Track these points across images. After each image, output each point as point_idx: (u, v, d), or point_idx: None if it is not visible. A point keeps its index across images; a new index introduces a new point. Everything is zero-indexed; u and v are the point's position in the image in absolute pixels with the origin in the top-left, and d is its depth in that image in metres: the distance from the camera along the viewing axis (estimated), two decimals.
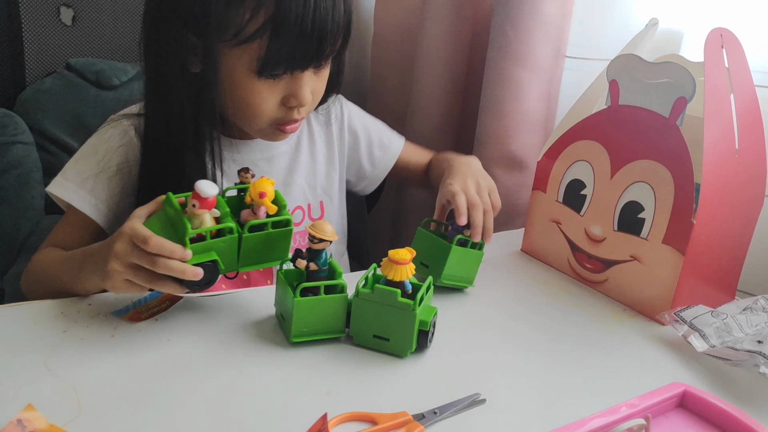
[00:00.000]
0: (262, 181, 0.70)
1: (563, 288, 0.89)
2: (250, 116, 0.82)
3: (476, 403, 0.63)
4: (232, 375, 0.65)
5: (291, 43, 0.75)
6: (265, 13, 0.73)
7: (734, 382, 0.70)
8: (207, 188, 0.65)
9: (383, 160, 1.04)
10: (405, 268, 0.69)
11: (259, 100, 0.80)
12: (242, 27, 0.74)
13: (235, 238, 0.69)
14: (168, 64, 0.79)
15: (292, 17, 0.73)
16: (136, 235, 0.65)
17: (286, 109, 0.82)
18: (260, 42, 0.75)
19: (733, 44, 0.78)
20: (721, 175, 0.77)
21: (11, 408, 0.56)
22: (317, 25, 0.75)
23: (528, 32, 1.07)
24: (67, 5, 1.23)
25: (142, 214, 0.69)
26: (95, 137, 0.87)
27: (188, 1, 0.75)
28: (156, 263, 0.65)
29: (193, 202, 0.66)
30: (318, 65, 0.80)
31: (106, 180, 0.84)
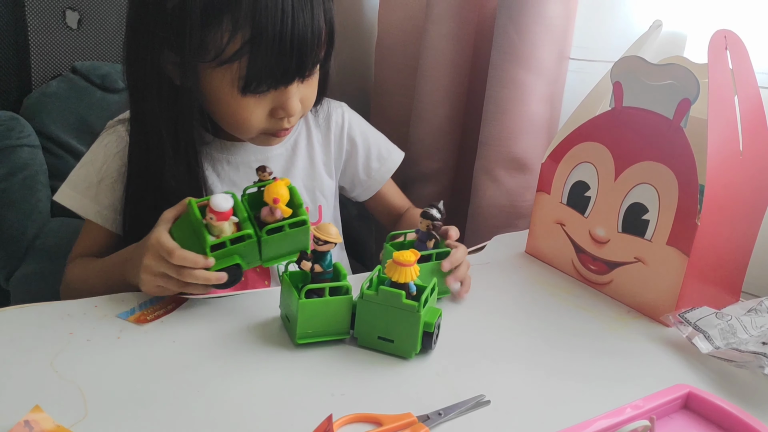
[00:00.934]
0: (276, 186, 0.71)
1: (567, 290, 0.89)
2: (239, 129, 0.83)
3: (481, 404, 0.63)
4: (237, 376, 0.65)
5: (271, 61, 0.75)
6: (242, 36, 0.74)
7: (739, 383, 0.70)
8: (221, 203, 0.68)
9: (380, 172, 1.04)
10: (409, 270, 0.69)
11: (247, 114, 0.80)
12: (221, 49, 0.75)
13: (255, 241, 0.71)
14: (148, 77, 0.79)
15: (270, 37, 0.74)
16: (161, 248, 0.70)
17: (276, 120, 0.82)
18: (240, 63, 0.75)
19: (737, 46, 0.78)
20: (726, 177, 0.77)
21: (19, 409, 0.56)
22: (296, 42, 0.75)
23: (532, 35, 1.07)
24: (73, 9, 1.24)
25: (169, 217, 0.73)
26: (95, 145, 0.89)
27: (164, 24, 0.75)
28: (182, 274, 0.69)
29: (210, 215, 0.69)
30: (303, 77, 0.80)
31: (108, 186, 0.86)
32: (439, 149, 1.28)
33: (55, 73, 1.23)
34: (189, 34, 0.74)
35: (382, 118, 1.40)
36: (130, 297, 0.76)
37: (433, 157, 1.29)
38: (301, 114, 0.85)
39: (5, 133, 1.07)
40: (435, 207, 0.79)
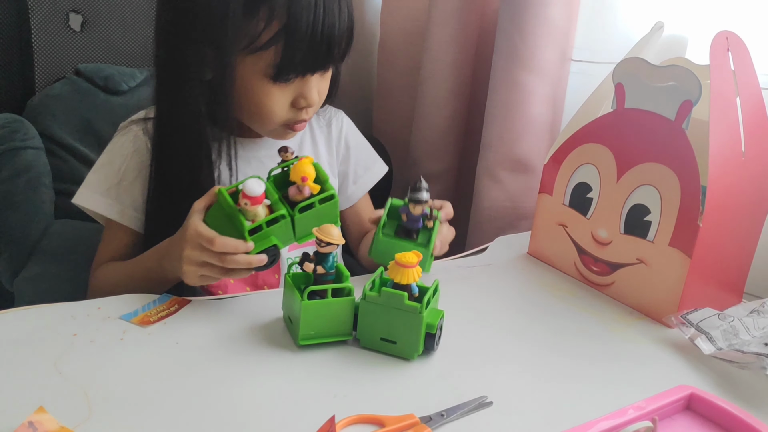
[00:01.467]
0: (302, 165, 0.74)
1: (570, 291, 0.89)
2: (262, 118, 0.86)
3: (483, 405, 0.64)
4: (240, 377, 0.65)
5: (303, 49, 0.79)
6: (278, 23, 0.78)
7: (741, 384, 0.70)
8: (255, 188, 0.70)
9: (363, 179, 1.05)
10: (412, 272, 0.69)
11: (272, 103, 0.84)
12: (256, 37, 0.78)
13: (288, 221, 0.74)
14: (182, 74, 0.82)
15: (304, 25, 0.78)
16: (201, 238, 0.71)
17: (296, 110, 0.86)
18: (275, 50, 0.79)
19: (738, 47, 0.78)
20: (728, 178, 0.77)
21: (22, 410, 0.56)
22: (326, 33, 0.79)
23: (534, 36, 1.07)
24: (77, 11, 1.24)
25: (200, 208, 0.74)
26: (110, 146, 0.90)
27: (205, 16, 0.78)
28: (224, 260, 0.71)
29: (244, 201, 0.70)
30: (327, 67, 0.85)
31: (128, 186, 0.87)
32: (442, 151, 1.29)
33: (58, 75, 1.24)
34: (230, 24, 0.77)
35: (384, 120, 1.41)
36: (133, 299, 0.77)
37: (436, 158, 1.29)
38: (316, 107, 0.89)
39: (9, 135, 1.08)
40: (421, 189, 0.80)
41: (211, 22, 0.78)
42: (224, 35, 0.78)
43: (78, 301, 0.75)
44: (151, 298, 0.77)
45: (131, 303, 0.76)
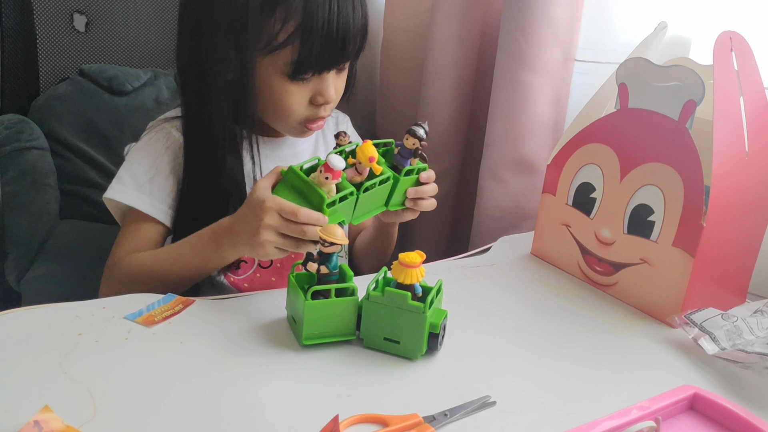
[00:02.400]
0: (369, 147, 0.75)
1: (573, 291, 0.89)
2: (282, 116, 0.88)
3: (486, 405, 0.64)
4: (244, 377, 0.65)
5: (319, 47, 0.81)
6: (294, 22, 0.80)
7: (745, 384, 0.70)
8: (338, 162, 0.72)
9: None
10: (415, 271, 0.69)
11: (291, 101, 0.86)
12: (274, 36, 0.81)
13: (354, 199, 0.76)
14: (207, 75, 0.84)
15: (319, 24, 0.80)
16: (284, 210, 0.72)
17: (314, 108, 0.88)
18: (291, 48, 0.81)
19: (742, 47, 0.78)
20: (731, 178, 0.77)
21: (28, 409, 0.57)
22: (341, 30, 0.81)
23: (537, 36, 1.07)
24: (81, 12, 1.25)
25: (266, 185, 0.76)
26: (142, 143, 0.92)
27: (224, 17, 0.81)
28: (306, 233, 0.72)
29: (326, 174, 0.72)
30: (343, 64, 0.87)
31: (161, 181, 0.89)
32: (445, 150, 1.29)
33: (62, 76, 1.24)
34: (248, 25, 0.80)
35: (387, 120, 1.41)
36: (137, 298, 0.77)
37: (439, 158, 1.29)
38: (333, 105, 0.90)
39: (14, 135, 1.08)
40: (421, 126, 0.81)
41: (230, 23, 0.80)
42: (243, 36, 0.80)
43: (83, 301, 0.75)
44: (156, 297, 0.77)
45: (136, 303, 0.76)
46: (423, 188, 0.84)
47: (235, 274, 0.92)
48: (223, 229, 0.79)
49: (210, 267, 0.83)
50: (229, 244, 0.78)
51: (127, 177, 0.89)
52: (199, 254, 0.82)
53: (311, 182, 0.73)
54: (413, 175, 0.83)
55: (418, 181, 0.84)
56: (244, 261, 0.92)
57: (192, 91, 0.87)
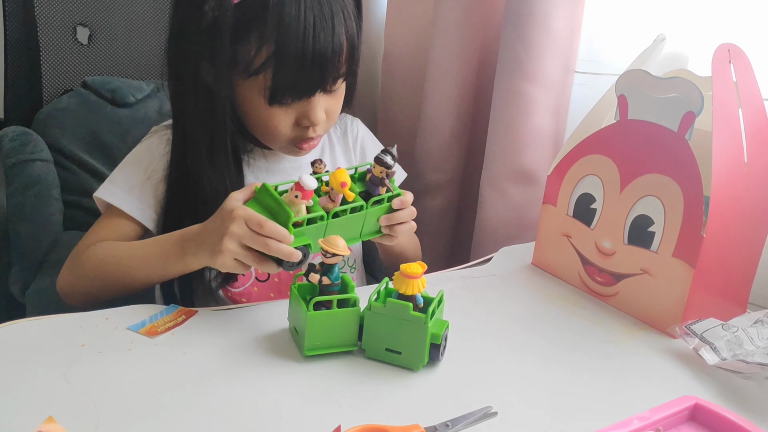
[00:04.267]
0: (341, 173, 0.75)
1: (574, 301, 0.89)
2: (269, 136, 0.88)
3: (488, 415, 0.64)
4: (246, 388, 0.66)
5: (293, 74, 0.81)
6: (268, 49, 0.79)
7: (745, 395, 0.70)
8: (309, 182, 0.72)
9: None
10: (417, 282, 0.69)
11: (275, 123, 0.85)
12: (251, 61, 0.80)
13: (323, 225, 0.75)
14: (187, 87, 0.84)
15: (292, 51, 0.79)
16: (251, 220, 0.71)
17: (302, 129, 0.87)
18: (266, 74, 0.81)
19: (740, 59, 0.78)
20: (731, 188, 0.77)
21: (32, 420, 0.57)
22: (317, 56, 0.80)
23: (537, 48, 1.08)
24: (84, 25, 1.26)
25: (239, 197, 0.75)
26: (140, 146, 0.93)
27: (200, 39, 0.80)
28: (269, 246, 0.71)
29: (296, 193, 0.72)
30: (325, 89, 0.85)
31: (152, 186, 0.89)
32: (446, 161, 1.29)
33: (66, 88, 1.25)
34: (222, 48, 0.80)
35: (389, 131, 1.41)
36: (141, 309, 0.77)
37: (440, 169, 1.30)
38: (327, 125, 0.90)
39: (19, 148, 1.09)
40: (389, 153, 0.78)
41: (208, 42, 0.80)
42: (218, 58, 0.80)
43: (86, 312, 0.76)
44: (159, 308, 0.78)
45: (139, 314, 0.76)
46: (395, 215, 0.81)
47: (233, 287, 0.92)
48: (190, 236, 0.78)
49: (170, 271, 0.81)
50: (193, 251, 0.77)
51: (120, 178, 0.90)
52: (162, 256, 0.80)
53: (281, 200, 0.73)
54: (384, 204, 0.80)
55: (391, 207, 0.81)
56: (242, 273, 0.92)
57: (176, 102, 0.87)
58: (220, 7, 0.78)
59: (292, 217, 0.72)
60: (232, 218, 0.72)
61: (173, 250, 0.79)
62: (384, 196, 0.80)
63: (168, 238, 0.81)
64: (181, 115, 0.87)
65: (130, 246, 0.85)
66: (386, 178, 0.79)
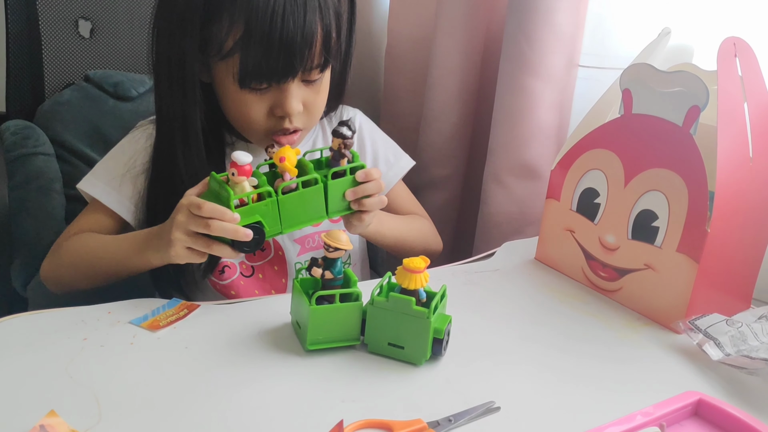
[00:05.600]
0: (282, 149, 0.75)
1: (577, 296, 0.89)
2: (244, 125, 0.88)
3: (491, 410, 0.64)
4: (248, 382, 0.66)
5: (261, 58, 0.80)
6: (237, 31, 0.79)
7: (750, 390, 0.70)
8: (242, 157, 0.72)
9: (386, 176, 1.05)
10: (419, 277, 0.69)
11: (248, 110, 0.85)
12: (221, 44, 0.80)
13: (274, 200, 0.74)
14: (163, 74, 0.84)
15: (258, 34, 0.79)
16: (191, 205, 0.72)
17: (276, 119, 0.86)
18: (236, 58, 0.80)
19: (746, 53, 0.78)
20: (735, 183, 0.77)
21: (34, 414, 0.57)
22: (285, 42, 0.79)
23: (541, 42, 1.08)
24: (86, 18, 1.25)
25: (192, 193, 0.75)
26: (124, 140, 0.93)
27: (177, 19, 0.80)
28: (210, 226, 0.71)
29: (231, 170, 0.72)
30: (295, 76, 0.83)
31: (132, 179, 0.89)
32: (449, 156, 1.29)
33: (68, 81, 1.25)
34: (194, 29, 0.80)
35: (392, 125, 1.41)
36: (143, 303, 0.77)
37: (443, 163, 1.30)
38: (306, 119, 0.88)
39: (21, 141, 1.08)
40: (345, 124, 0.77)
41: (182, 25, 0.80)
42: (192, 39, 0.80)
43: (88, 306, 0.76)
44: (161, 302, 0.78)
45: (141, 308, 0.76)
46: (362, 187, 0.79)
47: (220, 279, 0.93)
48: (153, 233, 0.80)
49: (135, 266, 0.82)
50: (155, 247, 0.78)
51: (101, 170, 0.91)
52: (130, 250, 0.81)
53: (222, 182, 0.73)
54: (347, 176, 0.78)
55: (356, 181, 0.79)
56: (228, 266, 0.92)
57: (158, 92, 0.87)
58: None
59: (232, 195, 0.72)
60: (177, 209, 0.74)
61: (140, 246, 0.80)
62: (345, 167, 0.78)
63: (137, 235, 0.83)
64: (158, 104, 0.87)
65: (104, 240, 0.86)
66: (345, 149, 0.76)
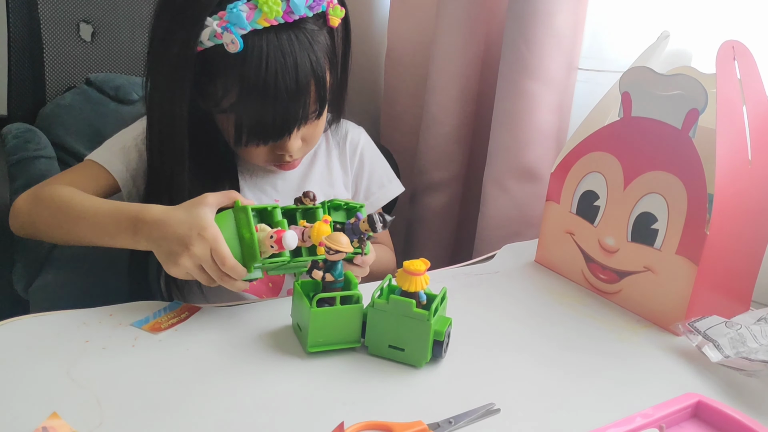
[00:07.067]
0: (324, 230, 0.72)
1: (577, 299, 0.89)
2: (247, 159, 0.90)
3: (491, 412, 0.64)
4: (249, 384, 0.66)
5: (254, 123, 0.81)
6: (231, 96, 0.80)
7: (749, 392, 0.70)
8: (291, 243, 0.71)
9: (377, 197, 1.05)
10: (420, 279, 0.69)
11: (250, 154, 0.88)
12: (218, 102, 0.81)
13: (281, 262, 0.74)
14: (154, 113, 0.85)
15: (252, 101, 0.79)
16: (216, 250, 0.71)
17: (278, 155, 0.88)
18: (234, 116, 0.81)
19: (745, 56, 0.78)
20: (734, 186, 0.77)
21: (36, 416, 0.57)
22: (279, 106, 0.80)
23: (540, 45, 1.08)
24: (87, 22, 1.25)
25: (212, 203, 0.73)
26: (136, 123, 0.93)
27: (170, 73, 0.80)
28: (223, 281, 0.73)
29: (272, 243, 0.71)
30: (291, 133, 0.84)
31: (137, 152, 0.89)
32: (449, 159, 1.29)
33: (69, 85, 1.25)
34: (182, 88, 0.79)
35: (392, 128, 1.42)
36: (144, 306, 0.77)
37: (443, 166, 1.30)
38: (305, 149, 0.90)
39: (22, 145, 1.09)
40: (383, 220, 0.75)
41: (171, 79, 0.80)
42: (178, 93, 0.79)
43: (90, 308, 0.76)
44: (162, 305, 0.78)
45: (142, 310, 0.77)
46: (350, 267, 0.79)
47: None
48: (150, 219, 0.74)
49: (116, 242, 0.77)
50: (148, 237, 0.74)
51: (109, 143, 0.92)
52: (113, 225, 0.77)
53: (255, 236, 0.72)
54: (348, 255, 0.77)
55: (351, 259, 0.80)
56: None
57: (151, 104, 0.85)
58: (183, 53, 0.77)
59: (258, 260, 0.72)
60: (200, 238, 0.71)
61: (127, 225, 0.75)
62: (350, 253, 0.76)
63: (125, 209, 0.77)
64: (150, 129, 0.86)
65: (88, 198, 0.82)
66: (365, 238, 0.78)
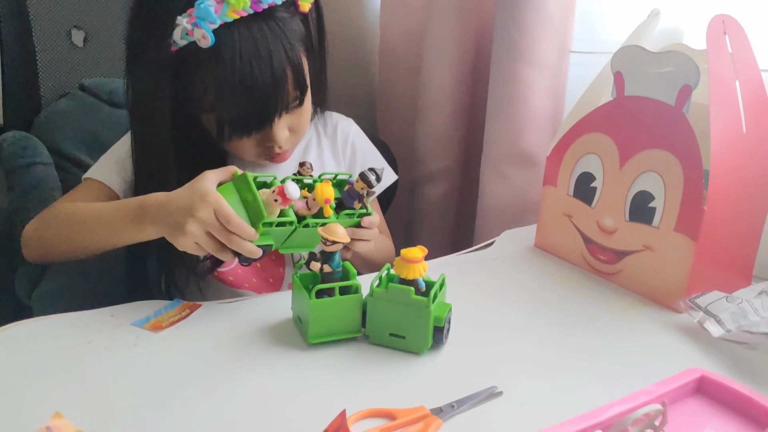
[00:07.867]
0: (328, 189, 0.74)
1: (578, 281, 0.89)
2: (235, 154, 0.90)
3: (493, 395, 0.64)
4: (252, 378, 0.66)
5: (235, 116, 0.82)
6: (209, 94, 0.81)
7: (751, 365, 0.70)
8: (294, 192, 0.72)
9: None
10: (418, 266, 0.69)
11: (236, 148, 0.89)
12: (200, 100, 0.82)
13: (291, 229, 0.75)
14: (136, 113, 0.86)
15: (229, 97, 0.80)
16: (220, 211, 0.71)
17: (266, 147, 0.88)
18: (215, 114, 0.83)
19: (735, 30, 0.78)
20: (730, 160, 0.77)
21: (40, 416, 0.57)
22: (257, 97, 0.80)
23: (532, 29, 1.08)
24: (78, 27, 1.26)
25: (214, 179, 0.74)
26: (124, 137, 0.94)
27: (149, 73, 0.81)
28: (232, 242, 0.72)
29: (276, 197, 0.72)
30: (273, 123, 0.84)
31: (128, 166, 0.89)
32: (445, 148, 1.29)
33: (63, 91, 1.25)
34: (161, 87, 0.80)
35: (387, 120, 1.41)
36: (145, 305, 0.78)
37: (440, 155, 1.30)
38: (294, 139, 0.90)
39: (19, 152, 1.09)
40: (375, 173, 0.78)
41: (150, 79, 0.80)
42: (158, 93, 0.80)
43: (91, 310, 0.76)
44: (163, 304, 0.78)
45: (143, 309, 0.77)
46: (361, 231, 0.81)
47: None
48: (153, 203, 0.76)
49: (124, 236, 0.78)
50: (154, 220, 0.75)
51: (105, 158, 0.93)
52: (120, 219, 0.78)
53: (259, 198, 0.72)
54: (354, 219, 0.80)
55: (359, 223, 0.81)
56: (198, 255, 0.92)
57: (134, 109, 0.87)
58: (158, 55, 0.78)
59: (264, 218, 0.71)
60: (203, 203, 0.71)
61: (132, 214, 0.77)
62: (356, 211, 0.80)
63: (128, 203, 0.80)
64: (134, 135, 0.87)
65: (92, 205, 0.84)
66: (365, 196, 0.79)
